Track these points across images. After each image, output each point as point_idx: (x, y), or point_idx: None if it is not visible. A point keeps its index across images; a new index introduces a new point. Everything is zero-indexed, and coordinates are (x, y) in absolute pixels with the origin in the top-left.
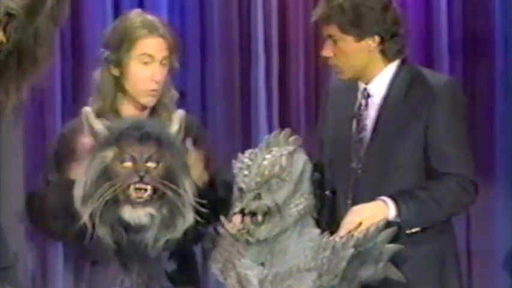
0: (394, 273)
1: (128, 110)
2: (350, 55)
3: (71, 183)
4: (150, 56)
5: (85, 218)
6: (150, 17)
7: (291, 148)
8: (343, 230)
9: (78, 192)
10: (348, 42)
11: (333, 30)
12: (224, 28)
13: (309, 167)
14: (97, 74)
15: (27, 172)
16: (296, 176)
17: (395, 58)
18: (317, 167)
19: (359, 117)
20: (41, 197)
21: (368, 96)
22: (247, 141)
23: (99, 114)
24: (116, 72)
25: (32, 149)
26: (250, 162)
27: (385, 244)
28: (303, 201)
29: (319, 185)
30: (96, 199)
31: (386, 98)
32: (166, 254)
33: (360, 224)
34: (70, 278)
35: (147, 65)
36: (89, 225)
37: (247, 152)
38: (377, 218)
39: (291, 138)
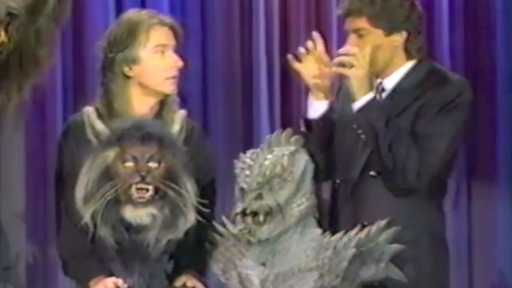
0: (396, 273)
1: (141, 108)
2: (377, 50)
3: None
4: (164, 45)
5: (87, 218)
6: (150, 11)
7: (292, 148)
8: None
9: (79, 193)
10: (377, 36)
11: (362, 23)
12: (225, 29)
13: (311, 167)
14: (107, 78)
15: (28, 172)
16: (298, 176)
17: (416, 56)
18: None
19: None
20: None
21: (382, 90)
22: (249, 141)
23: (110, 114)
24: (130, 72)
25: (33, 149)
26: (251, 162)
27: (387, 244)
28: (304, 201)
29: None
30: (98, 199)
31: (393, 95)
32: (167, 254)
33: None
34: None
35: (163, 55)
36: (91, 225)
37: (249, 152)
38: (360, 71)
39: (293, 138)
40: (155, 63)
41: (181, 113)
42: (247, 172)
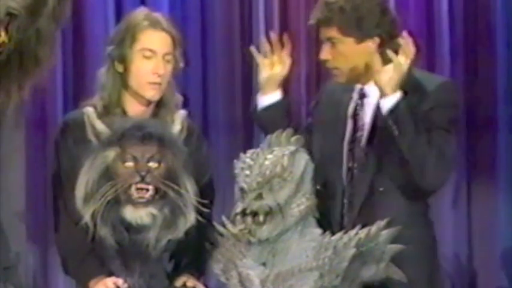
0: (396, 273)
1: (133, 107)
2: (350, 57)
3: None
4: (151, 50)
5: (87, 218)
6: (154, 13)
7: (292, 148)
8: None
9: (79, 192)
10: (348, 44)
11: (333, 32)
12: (225, 26)
13: (311, 167)
14: (102, 71)
15: (28, 172)
16: (298, 176)
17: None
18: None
19: (356, 117)
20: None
21: (364, 96)
22: (249, 141)
23: (105, 111)
24: (120, 68)
25: (34, 149)
26: (251, 162)
27: (387, 244)
28: (304, 201)
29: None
30: (98, 199)
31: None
32: (167, 254)
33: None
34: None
35: (149, 59)
36: (91, 225)
37: (249, 152)
38: (393, 80)
39: (293, 138)
40: (138, 66)
41: (182, 113)
42: (247, 172)
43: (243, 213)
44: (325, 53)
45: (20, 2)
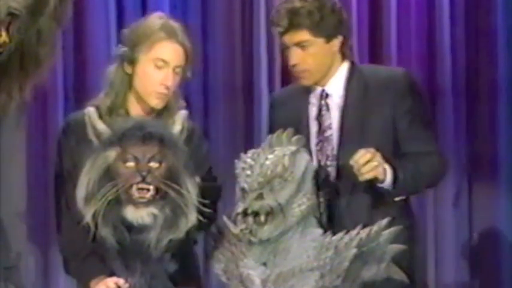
0: (397, 273)
1: (136, 110)
2: (320, 58)
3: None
4: (164, 61)
5: (88, 218)
6: (172, 22)
7: (293, 148)
8: (354, 158)
9: (80, 192)
10: (319, 45)
11: (304, 35)
12: (226, 28)
13: (312, 167)
14: (111, 70)
15: (29, 172)
16: (298, 176)
17: (349, 57)
18: None
19: (321, 118)
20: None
21: (326, 96)
22: (249, 141)
23: (110, 110)
24: (129, 70)
25: (35, 148)
26: (252, 162)
27: (388, 244)
28: (305, 201)
29: None
30: (99, 199)
31: (346, 97)
32: (168, 254)
33: (368, 160)
34: (72, 278)
35: (160, 69)
36: (92, 225)
37: (250, 152)
38: (379, 169)
39: (294, 138)
40: (148, 73)
41: (183, 113)
42: (248, 172)
43: (244, 213)
44: (295, 58)
45: (21, 2)
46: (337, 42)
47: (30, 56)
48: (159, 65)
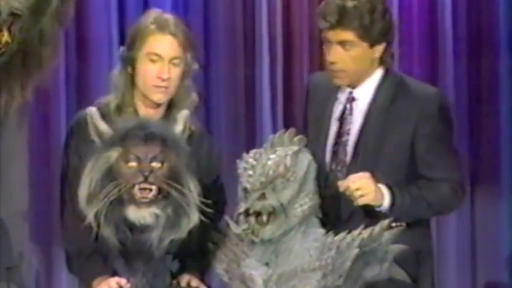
0: (399, 273)
1: (143, 108)
2: (361, 61)
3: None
4: (157, 55)
5: (90, 218)
6: (165, 15)
7: (295, 148)
8: (345, 182)
9: (83, 192)
10: (362, 49)
11: (349, 36)
12: (228, 27)
13: (314, 167)
14: (115, 72)
15: (31, 172)
16: (301, 176)
17: (389, 64)
18: None
19: (343, 120)
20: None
21: (353, 100)
22: (251, 141)
23: (119, 109)
24: (129, 69)
25: (37, 148)
26: (254, 162)
27: (390, 244)
28: (307, 201)
29: None
30: (101, 199)
31: (372, 104)
32: (170, 254)
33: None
34: (74, 278)
35: (155, 63)
36: (94, 225)
37: (252, 152)
38: (370, 196)
39: (296, 138)
40: (144, 69)
41: (184, 112)
42: (250, 172)
43: (246, 213)
44: (335, 56)
45: (23, 2)
46: (380, 48)
47: (32, 56)
48: (153, 59)
